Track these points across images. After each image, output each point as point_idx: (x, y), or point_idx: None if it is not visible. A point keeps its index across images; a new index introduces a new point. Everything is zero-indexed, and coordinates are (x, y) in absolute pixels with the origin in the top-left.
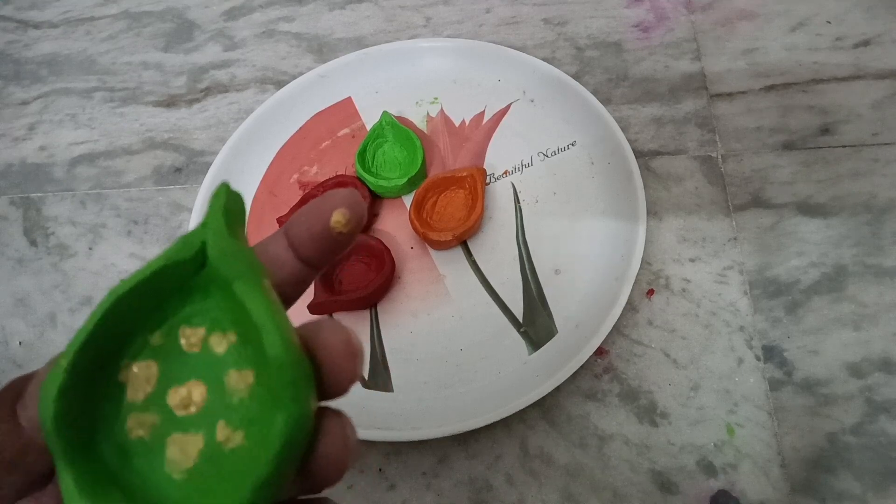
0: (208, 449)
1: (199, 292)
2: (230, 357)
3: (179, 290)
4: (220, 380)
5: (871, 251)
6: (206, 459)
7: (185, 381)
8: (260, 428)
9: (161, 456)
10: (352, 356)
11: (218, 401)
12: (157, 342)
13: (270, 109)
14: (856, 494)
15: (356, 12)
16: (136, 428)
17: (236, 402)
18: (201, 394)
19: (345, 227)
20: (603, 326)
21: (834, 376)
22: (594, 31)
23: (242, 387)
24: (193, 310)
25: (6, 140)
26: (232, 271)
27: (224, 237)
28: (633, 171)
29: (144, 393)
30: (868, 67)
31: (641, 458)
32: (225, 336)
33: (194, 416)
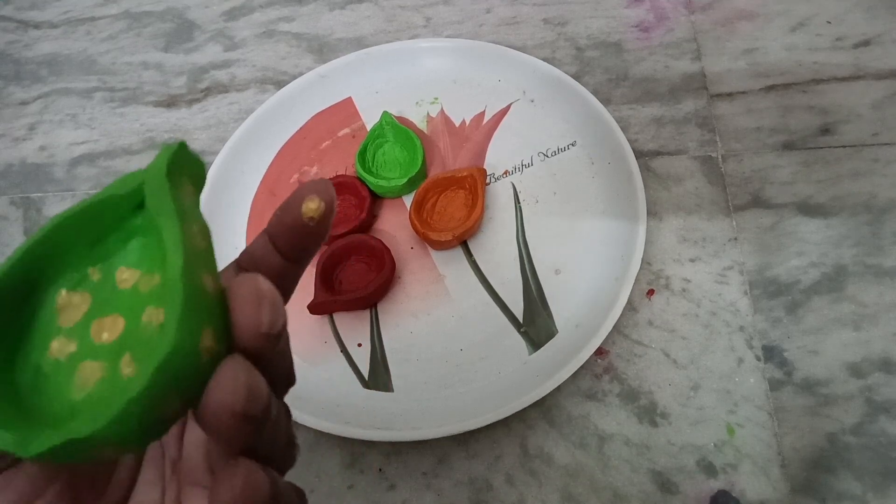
0: (109, 377)
1: (141, 235)
2: (152, 296)
3: (120, 229)
4: (139, 316)
5: (871, 251)
6: (103, 385)
7: (109, 314)
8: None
9: (70, 379)
10: (256, 301)
11: (132, 335)
12: (95, 277)
13: (270, 109)
14: (856, 494)
15: (356, 12)
16: (56, 351)
17: (145, 337)
18: (119, 327)
19: (315, 213)
20: (603, 326)
21: (834, 376)
22: (594, 31)
23: (154, 323)
24: (134, 251)
25: (6, 140)
26: (158, 208)
27: (161, 179)
28: (633, 171)
29: (73, 321)
30: (868, 67)
31: (641, 458)
32: (153, 277)
33: (107, 346)
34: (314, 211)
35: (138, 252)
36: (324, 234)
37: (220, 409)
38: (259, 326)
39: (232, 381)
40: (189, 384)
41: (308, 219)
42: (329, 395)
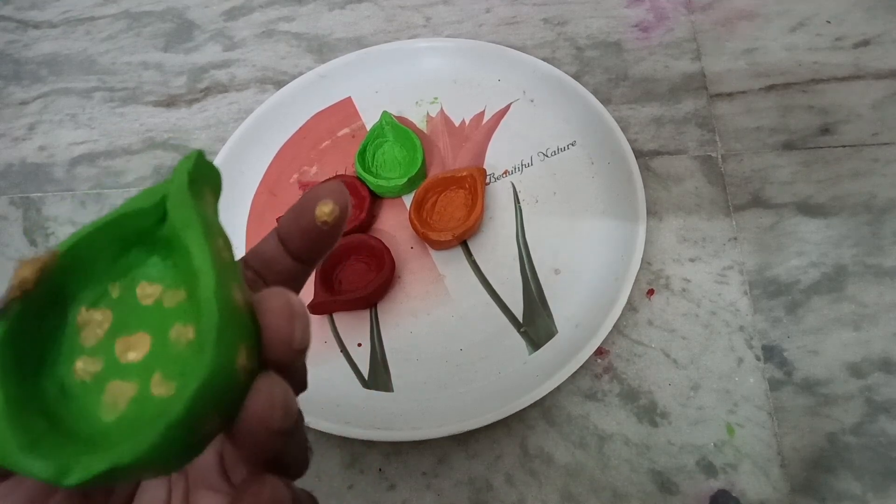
0: (140, 397)
1: (163, 249)
2: (178, 312)
3: (142, 243)
4: (166, 334)
5: (871, 251)
6: (135, 406)
7: (134, 331)
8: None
9: (98, 400)
10: (289, 318)
11: (160, 353)
12: (116, 293)
13: (270, 109)
14: (856, 494)
15: (356, 12)
16: (81, 371)
17: (175, 355)
18: (146, 345)
19: (329, 216)
20: (603, 326)
21: (834, 376)
22: (594, 31)
23: (183, 341)
24: (155, 266)
25: (6, 140)
26: (184, 222)
27: (184, 193)
28: (633, 171)
29: (96, 338)
30: (868, 67)
31: (641, 458)
32: (177, 292)
33: (135, 365)
34: (328, 215)
35: (160, 266)
36: (336, 237)
37: (258, 426)
38: (292, 343)
39: (269, 398)
40: (227, 403)
41: (322, 222)
42: (329, 395)
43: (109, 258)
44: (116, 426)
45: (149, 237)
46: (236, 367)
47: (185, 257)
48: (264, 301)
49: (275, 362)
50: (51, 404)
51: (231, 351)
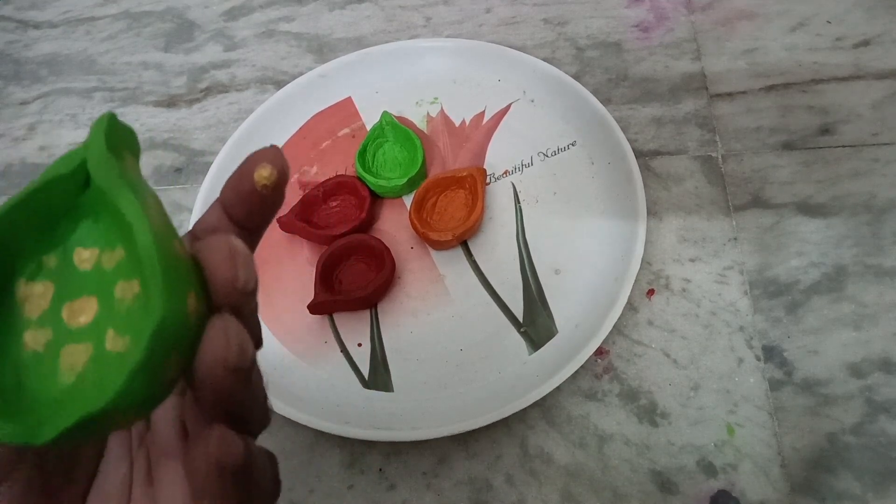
0: (97, 355)
1: (91, 215)
2: (119, 270)
3: (69, 212)
4: (111, 293)
5: (871, 251)
6: (93, 364)
7: (78, 296)
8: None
9: (55, 366)
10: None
11: (108, 312)
12: (52, 263)
13: (270, 109)
14: (856, 494)
15: (356, 12)
16: (31, 342)
17: (124, 311)
18: (93, 307)
19: (269, 180)
20: (603, 326)
21: (834, 376)
22: (594, 31)
23: (129, 296)
24: (86, 232)
25: (6, 140)
26: (109, 182)
27: (103, 153)
28: (633, 171)
29: (40, 310)
30: (868, 67)
31: (641, 458)
32: (114, 252)
33: (86, 327)
34: (267, 178)
35: (92, 230)
36: (279, 202)
37: (214, 363)
38: (236, 282)
39: (223, 335)
40: (182, 345)
41: (262, 186)
42: (329, 395)
43: (38, 230)
44: (78, 385)
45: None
46: (187, 309)
47: (116, 216)
48: (205, 246)
49: (224, 305)
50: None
51: (180, 293)
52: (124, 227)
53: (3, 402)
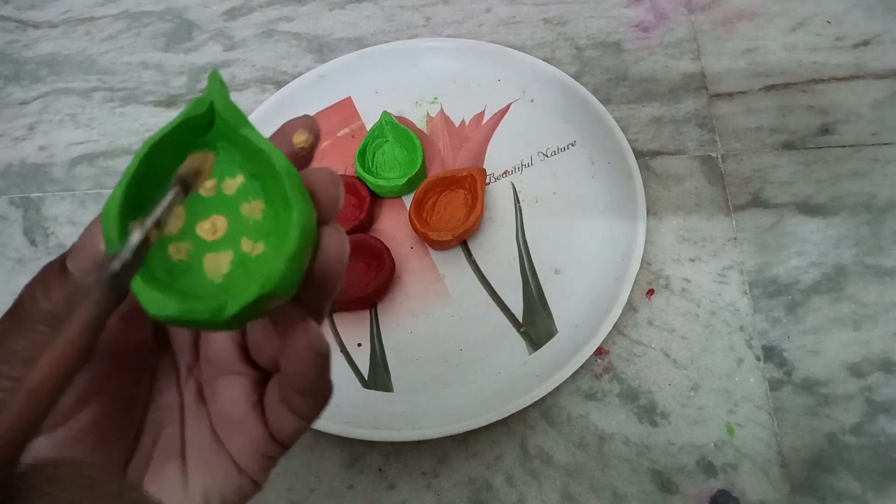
0: (238, 258)
1: (211, 149)
2: (241, 194)
3: (194, 148)
4: (237, 211)
5: (871, 251)
6: (238, 265)
7: (208, 216)
8: (277, 234)
9: (200, 270)
10: (334, 182)
11: (238, 226)
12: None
13: (270, 109)
14: (856, 494)
15: (356, 12)
16: (175, 253)
17: (252, 223)
18: (223, 223)
19: (305, 143)
20: (603, 326)
21: (834, 376)
22: (594, 31)
23: (256, 212)
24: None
25: (6, 140)
26: (237, 120)
27: (227, 99)
28: (633, 171)
29: (178, 228)
30: (868, 67)
31: (641, 458)
32: (234, 180)
33: (221, 239)
34: (304, 142)
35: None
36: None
37: (336, 258)
38: (338, 201)
39: (338, 235)
40: (311, 244)
41: (299, 149)
42: None
43: (173, 162)
44: (230, 281)
45: (198, 142)
46: (314, 215)
47: (238, 148)
48: (313, 172)
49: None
50: (167, 281)
51: (310, 203)
52: (249, 156)
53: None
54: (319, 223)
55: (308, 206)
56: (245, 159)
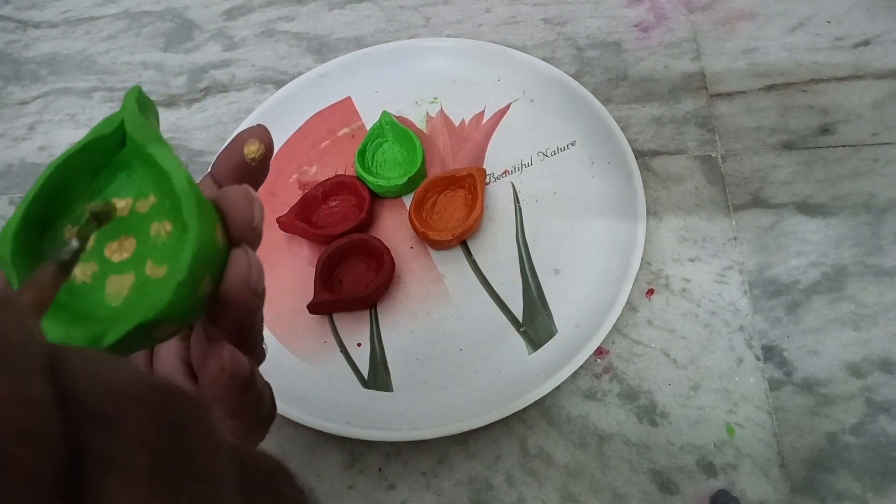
0: (140, 281)
1: (125, 170)
2: (152, 214)
3: (107, 167)
4: (146, 231)
5: (871, 251)
6: (137, 288)
7: (118, 236)
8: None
9: (101, 293)
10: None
11: (145, 247)
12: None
13: (270, 109)
14: (856, 494)
15: (356, 12)
16: (80, 275)
17: (160, 245)
18: (131, 244)
19: (256, 153)
20: (603, 326)
21: (834, 376)
22: (594, 30)
23: (163, 233)
24: (121, 184)
25: (6, 140)
26: (144, 138)
27: (138, 116)
28: (633, 171)
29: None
30: (868, 67)
31: (641, 458)
32: (147, 199)
33: (127, 260)
34: (255, 152)
35: (126, 182)
36: (265, 173)
37: (239, 282)
38: (252, 220)
39: (246, 260)
40: (213, 268)
41: (250, 160)
42: (329, 395)
43: (82, 182)
44: (127, 305)
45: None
46: (216, 238)
47: (151, 167)
48: (227, 191)
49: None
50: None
51: (210, 224)
52: (159, 175)
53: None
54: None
55: (205, 228)
56: (155, 178)
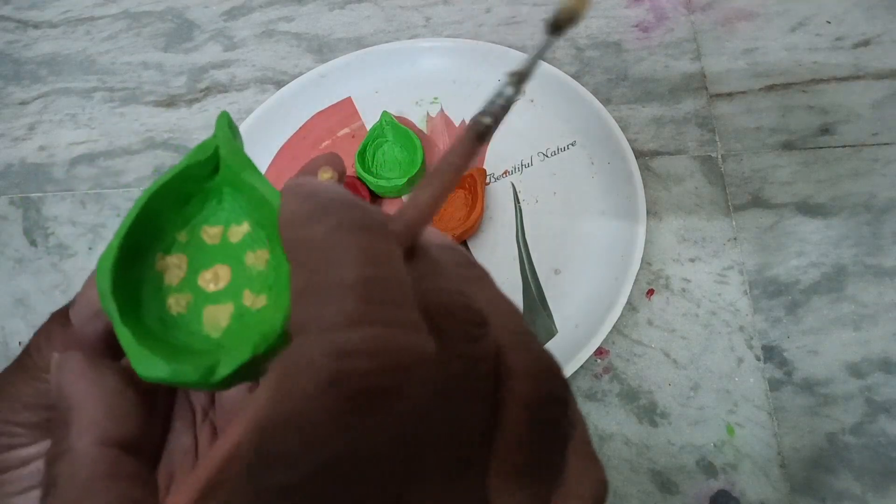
0: (238, 311)
1: (215, 197)
2: (245, 243)
3: (198, 194)
4: (241, 261)
5: (871, 251)
6: (237, 319)
7: (211, 265)
8: (279, 288)
9: (199, 323)
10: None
11: (240, 276)
12: (183, 239)
13: (270, 109)
14: (856, 494)
15: (356, 12)
16: (174, 305)
17: (255, 274)
18: (226, 273)
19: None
20: (603, 326)
21: (834, 376)
22: (594, 31)
23: (260, 262)
24: (211, 212)
25: (6, 140)
26: (240, 165)
27: (231, 142)
28: (633, 171)
29: (178, 278)
30: (868, 67)
31: (641, 458)
32: (239, 227)
33: (222, 290)
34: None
35: (217, 211)
36: None
37: None
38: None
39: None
40: None
41: None
42: None
43: (174, 210)
44: (227, 337)
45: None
46: None
47: (243, 194)
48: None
49: None
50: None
51: None
52: (252, 202)
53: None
54: None
55: None
56: (250, 206)
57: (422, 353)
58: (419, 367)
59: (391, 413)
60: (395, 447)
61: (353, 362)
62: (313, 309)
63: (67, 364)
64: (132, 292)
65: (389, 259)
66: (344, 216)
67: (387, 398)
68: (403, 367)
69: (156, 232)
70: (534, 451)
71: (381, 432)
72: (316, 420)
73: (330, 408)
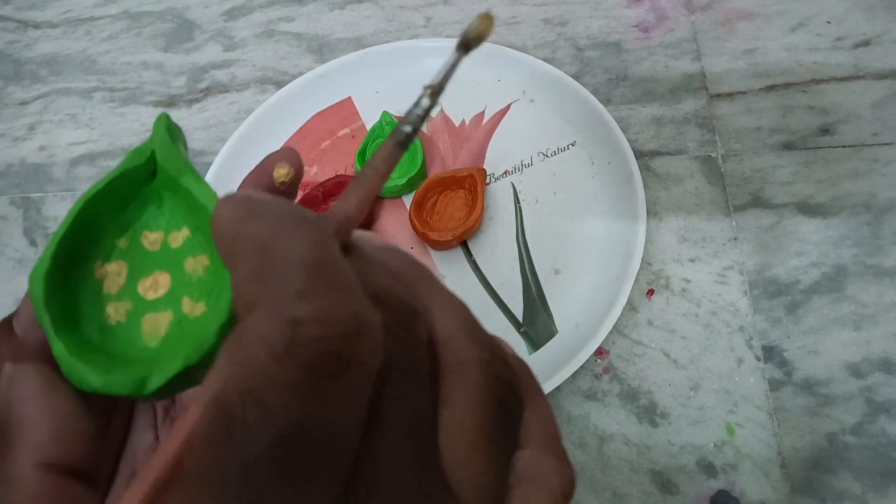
0: (177, 319)
1: (154, 202)
2: (186, 248)
3: (136, 199)
4: (181, 267)
5: (871, 251)
6: (175, 327)
7: (151, 272)
8: (216, 294)
9: (137, 332)
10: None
11: (180, 283)
12: (123, 245)
13: (270, 109)
14: (856, 494)
15: (356, 12)
16: (114, 314)
17: (195, 280)
18: (166, 280)
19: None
20: (603, 326)
21: (834, 376)
22: (594, 31)
23: (199, 268)
24: (151, 217)
25: (6, 140)
26: (177, 169)
27: (168, 146)
28: (633, 171)
29: (118, 286)
30: (868, 67)
31: (641, 458)
32: (179, 233)
33: (162, 297)
34: (285, 176)
35: (156, 215)
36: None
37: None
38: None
39: None
40: None
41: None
42: None
43: (112, 216)
44: (165, 346)
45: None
46: None
47: (184, 199)
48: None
49: None
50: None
51: None
52: (192, 207)
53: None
54: None
55: None
56: (189, 211)
57: (371, 322)
58: (369, 335)
59: (347, 380)
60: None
61: (306, 330)
62: (261, 288)
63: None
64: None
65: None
66: (282, 212)
67: (341, 364)
68: (354, 332)
69: (95, 238)
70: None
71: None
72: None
73: (287, 376)
